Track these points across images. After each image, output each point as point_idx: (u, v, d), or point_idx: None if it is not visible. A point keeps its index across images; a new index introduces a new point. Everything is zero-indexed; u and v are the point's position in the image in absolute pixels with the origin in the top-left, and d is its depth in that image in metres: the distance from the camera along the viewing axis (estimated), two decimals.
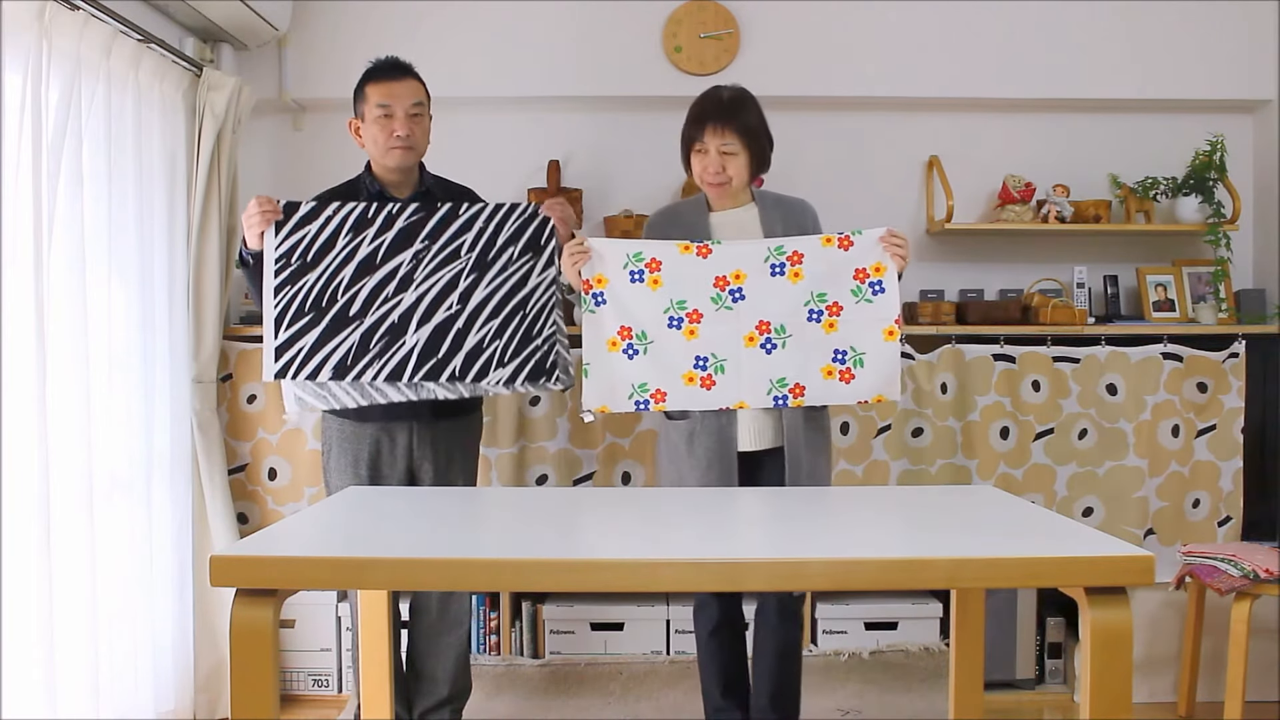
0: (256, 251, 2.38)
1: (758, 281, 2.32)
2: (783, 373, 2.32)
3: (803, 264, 2.31)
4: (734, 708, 2.50)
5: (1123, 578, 1.50)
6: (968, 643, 2.06)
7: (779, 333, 2.32)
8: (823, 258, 2.32)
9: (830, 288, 2.32)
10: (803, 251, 2.32)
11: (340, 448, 2.52)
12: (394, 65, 2.48)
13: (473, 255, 2.44)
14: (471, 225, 2.45)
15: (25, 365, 2.16)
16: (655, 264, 2.33)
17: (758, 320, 2.33)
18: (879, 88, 3.41)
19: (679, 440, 2.42)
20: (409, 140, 2.45)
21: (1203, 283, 3.46)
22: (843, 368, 2.32)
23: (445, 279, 2.43)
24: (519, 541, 1.78)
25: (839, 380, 2.32)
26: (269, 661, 1.49)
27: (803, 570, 1.53)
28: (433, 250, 2.42)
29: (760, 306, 2.32)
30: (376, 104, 2.44)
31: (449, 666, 2.63)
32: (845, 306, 2.32)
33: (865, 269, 2.31)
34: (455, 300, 2.43)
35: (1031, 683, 3.16)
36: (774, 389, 2.32)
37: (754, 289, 2.32)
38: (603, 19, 3.39)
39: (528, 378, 2.47)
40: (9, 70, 2.13)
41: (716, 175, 2.35)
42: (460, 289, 2.43)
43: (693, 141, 2.38)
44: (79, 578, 2.37)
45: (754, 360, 2.33)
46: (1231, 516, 3.33)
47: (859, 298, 2.32)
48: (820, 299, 2.32)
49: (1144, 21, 3.41)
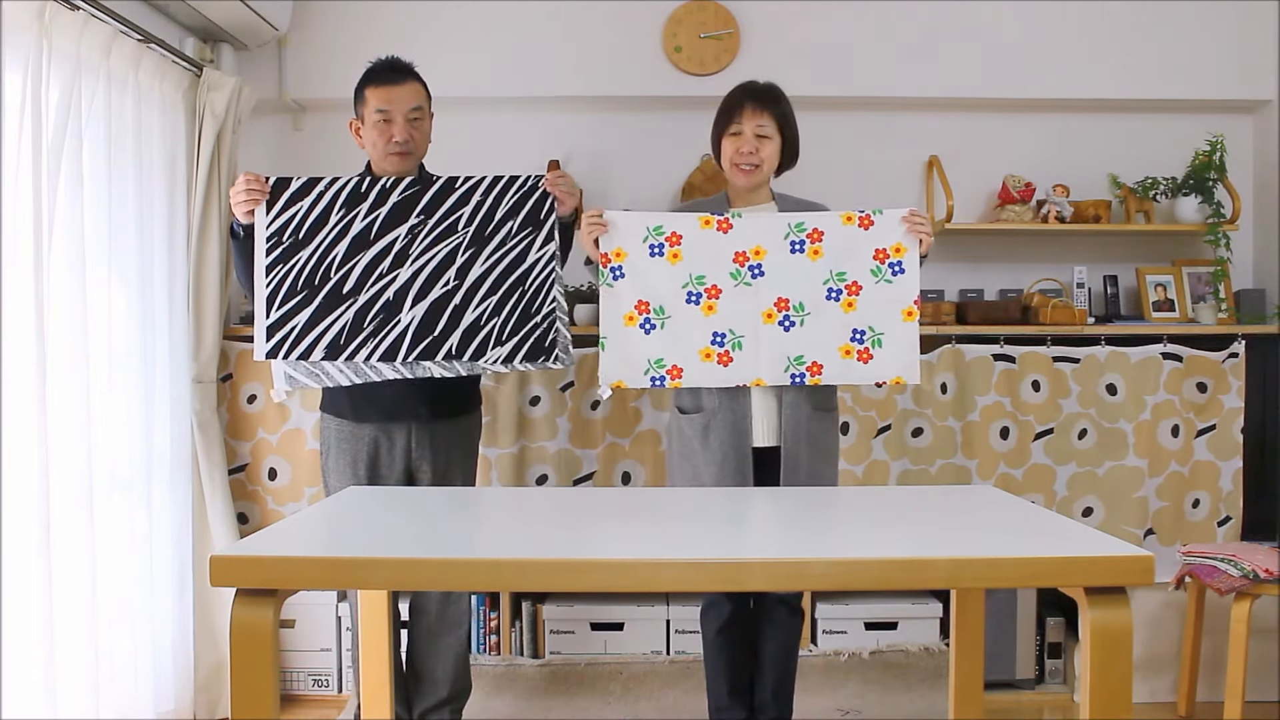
0: (248, 225, 2.37)
1: (777, 258, 2.33)
2: (801, 350, 2.32)
3: (822, 242, 2.32)
4: (739, 707, 2.50)
5: (1123, 578, 1.50)
6: (968, 643, 2.06)
7: (797, 310, 2.32)
8: (843, 236, 2.33)
9: (850, 266, 2.33)
10: (823, 229, 2.33)
11: (339, 448, 2.52)
12: (393, 68, 2.47)
13: (470, 230, 2.41)
14: (469, 199, 2.41)
15: (25, 365, 2.16)
16: (675, 238, 2.33)
17: (776, 297, 2.33)
18: (879, 88, 3.41)
19: (693, 434, 2.42)
20: (407, 145, 2.45)
21: (1203, 283, 3.46)
22: (861, 347, 2.33)
23: (441, 254, 2.40)
24: (519, 541, 1.78)
25: (857, 360, 2.33)
26: (269, 661, 1.49)
27: (803, 570, 1.53)
28: (429, 225, 2.40)
29: (779, 283, 2.33)
30: (375, 109, 2.43)
31: (449, 666, 2.63)
32: (865, 286, 2.33)
33: (885, 249, 2.32)
34: (452, 276, 2.40)
35: (1031, 683, 3.16)
36: (791, 366, 2.33)
37: (774, 265, 2.33)
38: (603, 19, 3.39)
39: (526, 356, 2.43)
40: (9, 70, 2.13)
41: (750, 157, 2.35)
42: (457, 264, 2.40)
43: (727, 124, 2.38)
44: (79, 578, 2.37)
45: (772, 337, 2.33)
46: (1231, 516, 3.33)
47: (879, 278, 2.33)
48: (840, 278, 2.33)
49: (1144, 22, 3.41)
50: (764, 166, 2.37)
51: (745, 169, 2.37)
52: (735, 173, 2.39)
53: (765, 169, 2.38)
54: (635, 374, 2.36)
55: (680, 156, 3.44)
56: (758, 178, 2.39)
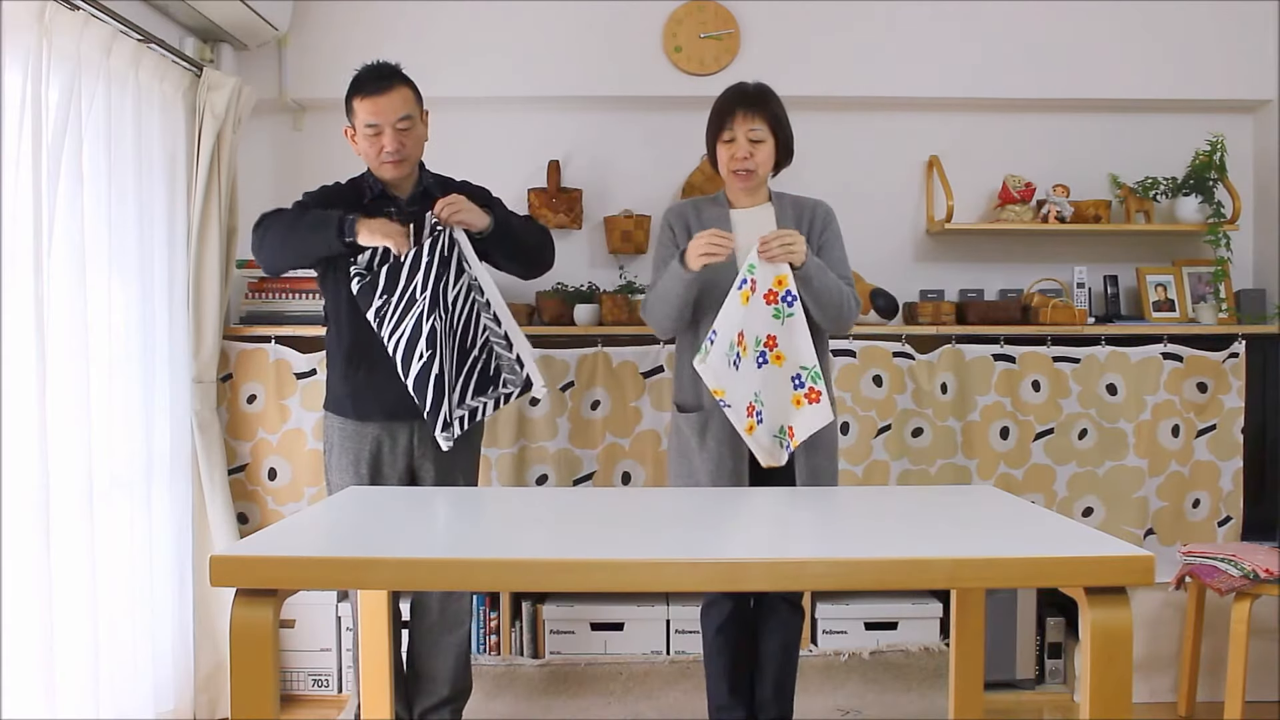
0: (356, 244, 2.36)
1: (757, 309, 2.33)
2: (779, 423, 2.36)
3: (746, 340, 2.31)
4: (739, 706, 2.50)
5: (1123, 578, 1.50)
6: (968, 643, 2.06)
7: (755, 344, 2.33)
8: (748, 314, 2.29)
9: (760, 330, 2.31)
10: (742, 329, 2.30)
11: (341, 447, 2.52)
12: (379, 74, 2.44)
13: (427, 295, 2.38)
14: (400, 269, 2.38)
15: (25, 365, 2.16)
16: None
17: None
18: (879, 88, 3.41)
19: (690, 433, 2.42)
20: (399, 154, 2.44)
21: (1203, 283, 3.46)
22: (804, 390, 2.33)
23: (410, 327, 2.39)
24: (519, 541, 1.78)
25: (809, 403, 2.33)
26: (269, 661, 1.50)
27: (803, 570, 1.53)
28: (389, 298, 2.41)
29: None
30: (365, 122, 2.43)
31: (449, 666, 2.63)
32: (778, 335, 2.31)
33: (771, 290, 2.29)
34: (424, 347, 2.39)
35: (1031, 683, 3.16)
36: (778, 436, 2.37)
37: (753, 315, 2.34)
38: (603, 19, 3.39)
39: (475, 390, 2.46)
40: (9, 70, 2.13)
41: (744, 162, 2.36)
42: (425, 333, 2.39)
43: (720, 130, 2.39)
44: (79, 578, 2.37)
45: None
46: (1231, 516, 3.33)
47: (781, 318, 2.31)
48: (757, 343, 2.32)
49: (1144, 21, 3.41)
50: (759, 170, 2.39)
51: (741, 175, 2.38)
52: (732, 179, 2.42)
53: (761, 172, 2.40)
54: (739, 397, 2.30)
55: (680, 156, 3.43)
56: (754, 182, 2.41)
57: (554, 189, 3.40)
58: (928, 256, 3.56)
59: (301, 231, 2.41)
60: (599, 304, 3.29)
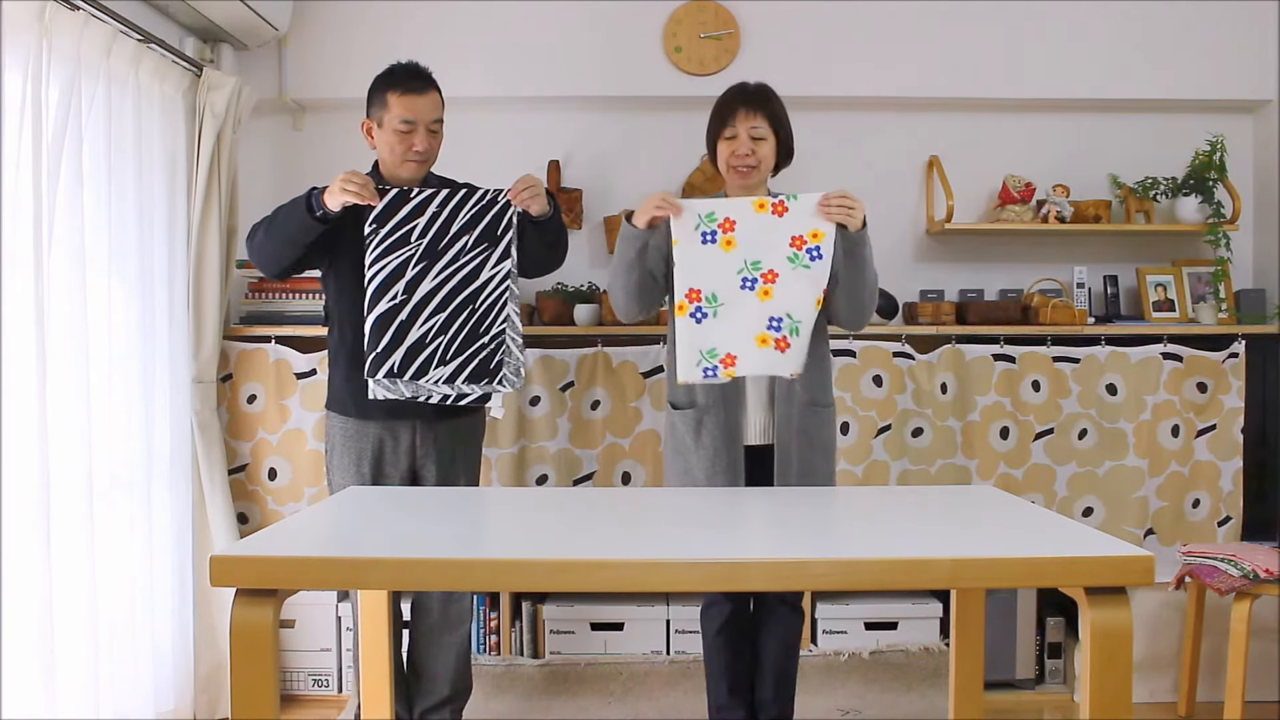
0: (332, 214, 2.34)
1: (688, 248, 2.27)
2: (713, 343, 2.27)
3: (734, 231, 2.27)
4: (738, 706, 2.50)
5: (1123, 578, 1.50)
6: (968, 643, 2.06)
7: (710, 301, 2.27)
8: (756, 224, 2.26)
9: (764, 254, 2.27)
10: (734, 218, 2.28)
11: (343, 446, 2.52)
12: (418, 74, 2.45)
13: (422, 242, 2.37)
14: (423, 210, 2.38)
15: (25, 365, 2.16)
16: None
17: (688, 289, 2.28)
18: (879, 88, 3.41)
19: (685, 431, 2.42)
20: (426, 155, 2.46)
21: (1203, 283, 3.46)
22: (778, 335, 2.26)
23: (391, 267, 2.36)
24: (519, 541, 1.79)
25: (774, 349, 2.26)
26: (269, 661, 1.50)
27: (804, 570, 1.53)
28: (380, 235, 2.36)
29: (693, 273, 2.27)
30: (400, 118, 2.41)
31: (450, 666, 2.63)
32: (781, 274, 2.26)
33: (802, 235, 2.26)
34: (400, 290, 2.36)
35: (1031, 683, 3.16)
36: (704, 360, 2.27)
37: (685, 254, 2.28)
38: (603, 19, 3.39)
39: (469, 377, 2.39)
40: (9, 70, 2.13)
41: (746, 159, 2.36)
42: (406, 278, 2.36)
43: (722, 127, 2.39)
44: (79, 577, 2.37)
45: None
46: (1231, 516, 3.33)
47: (796, 264, 2.26)
48: (754, 266, 2.27)
49: (1144, 22, 3.41)
50: (760, 168, 2.38)
51: (742, 171, 2.38)
52: (733, 175, 2.41)
53: (762, 170, 2.39)
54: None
55: (680, 156, 3.43)
56: (755, 179, 2.40)
57: (554, 189, 3.40)
58: (928, 256, 3.56)
59: (280, 222, 2.41)
60: (599, 304, 3.29)
